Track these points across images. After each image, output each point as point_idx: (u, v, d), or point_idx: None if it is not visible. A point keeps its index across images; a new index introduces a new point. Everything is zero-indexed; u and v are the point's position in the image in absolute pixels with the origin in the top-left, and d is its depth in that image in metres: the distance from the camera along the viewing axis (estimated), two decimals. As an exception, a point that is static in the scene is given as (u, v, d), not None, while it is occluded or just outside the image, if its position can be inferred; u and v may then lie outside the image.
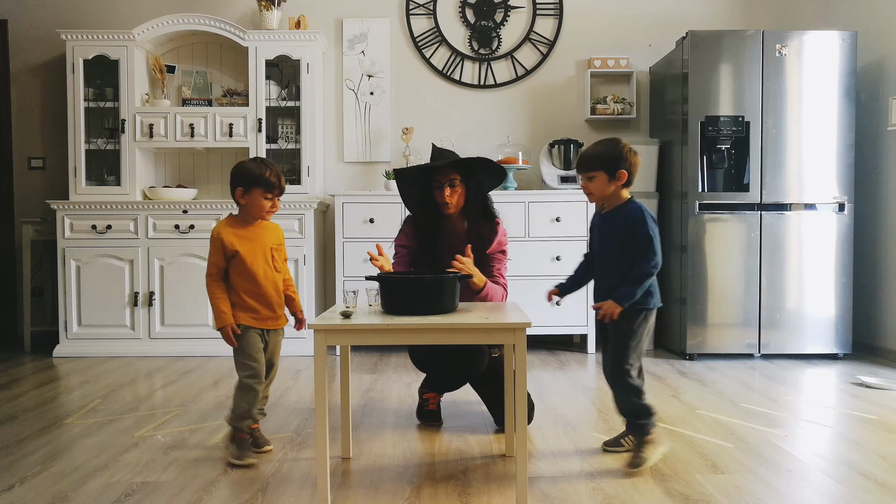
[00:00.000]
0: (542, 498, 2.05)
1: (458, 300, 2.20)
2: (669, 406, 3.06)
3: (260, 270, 2.40)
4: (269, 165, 2.42)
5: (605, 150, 2.31)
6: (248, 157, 4.47)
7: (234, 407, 2.38)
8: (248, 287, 2.39)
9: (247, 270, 2.38)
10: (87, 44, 4.36)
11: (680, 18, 4.78)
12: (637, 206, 2.32)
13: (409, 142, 4.63)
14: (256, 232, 2.45)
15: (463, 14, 4.82)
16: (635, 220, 2.28)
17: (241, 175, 2.41)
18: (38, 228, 4.60)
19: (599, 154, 2.30)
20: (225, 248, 2.37)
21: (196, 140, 4.41)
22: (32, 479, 2.22)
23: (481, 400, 2.85)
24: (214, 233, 2.40)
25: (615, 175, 2.28)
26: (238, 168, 2.43)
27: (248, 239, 2.41)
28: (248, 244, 2.40)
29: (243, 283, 2.39)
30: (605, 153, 2.30)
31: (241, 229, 2.42)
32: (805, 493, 2.09)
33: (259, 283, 2.39)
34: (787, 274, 4.08)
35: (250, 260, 2.39)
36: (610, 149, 2.31)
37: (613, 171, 2.28)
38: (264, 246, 2.44)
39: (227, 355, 4.24)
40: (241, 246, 2.38)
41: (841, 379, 3.60)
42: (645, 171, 4.40)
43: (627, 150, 2.31)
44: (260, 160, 2.44)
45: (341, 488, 2.14)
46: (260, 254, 2.42)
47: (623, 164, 2.28)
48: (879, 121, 4.16)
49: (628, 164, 2.29)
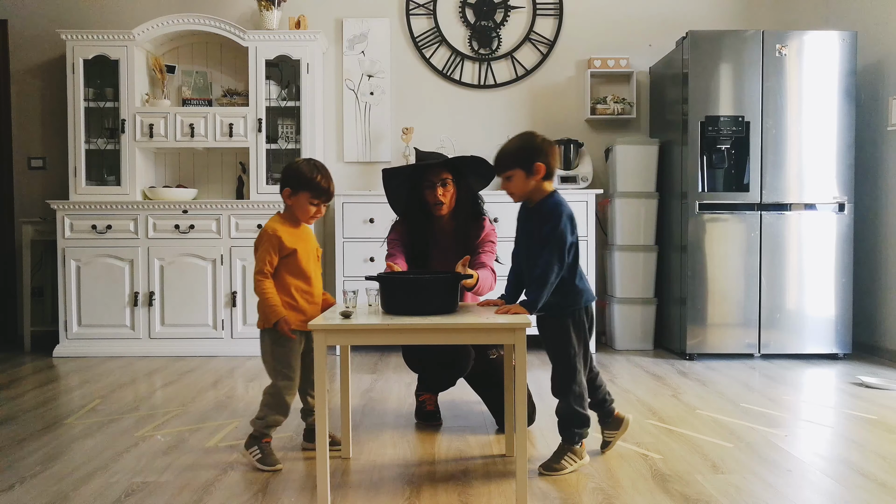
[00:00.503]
0: (542, 498, 2.05)
1: (459, 300, 2.20)
2: (669, 406, 3.06)
3: (312, 271, 2.39)
4: (321, 170, 2.35)
5: (518, 146, 2.22)
6: (247, 157, 4.50)
7: (264, 416, 2.32)
8: (301, 286, 2.36)
9: (301, 270, 2.35)
10: (87, 44, 4.36)
11: (680, 18, 4.78)
12: (555, 201, 2.21)
13: (409, 142, 4.63)
14: (306, 234, 2.43)
15: (463, 14, 4.82)
16: (549, 214, 2.19)
17: (291, 175, 2.36)
18: (38, 228, 4.60)
19: (513, 151, 2.22)
20: (283, 246, 2.32)
21: (196, 140, 4.41)
22: (32, 479, 2.22)
23: (482, 400, 2.85)
24: (270, 230, 2.32)
25: (532, 170, 2.18)
26: (290, 167, 2.38)
27: (301, 238, 2.40)
28: (302, 243, 2.38)
29: (297, 282, 2.35)
30: (518, 149, 2.21)
31: (292, 228, 2.39)
32: (805, 493, 2.09)
33: (312, 283, 2.38)
34: (787, 274, 4.08)
35: (304, 259, 2.36)
36: (523, 143, 2.22)
37: (529, 166, 2.18)
38: (313, 247, 2.43)
39: (227, 355, 4.25)
40: (297, 244, 2.36)
41: (841, 379, 3.60)
42: (645, 171, 4.41)
43: (541, 140, 2.22)
44: (313, 163, 2.37)
45: (341, 488, 2.14)
46: (311, 255, 2.40)
47: (539, 157, 2.18)
48: (879, 121, 4.16)
49: (545, 156, 2.19)
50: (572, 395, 2.25)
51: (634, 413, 2.95)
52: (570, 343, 2.25)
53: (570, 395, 2.25)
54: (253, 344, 4.27)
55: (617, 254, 4.42)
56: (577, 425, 2.27)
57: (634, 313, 4.42)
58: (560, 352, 2.26)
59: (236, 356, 4.25)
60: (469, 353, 2.68)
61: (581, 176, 4.50)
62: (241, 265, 4.30)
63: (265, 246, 2.32)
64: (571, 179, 4.49)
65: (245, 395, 3.31)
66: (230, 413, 3.00)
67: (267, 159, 4.44)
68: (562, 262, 2.17)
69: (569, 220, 2.20)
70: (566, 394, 2.26)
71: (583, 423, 2.27)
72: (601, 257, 4.69)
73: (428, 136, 4.74)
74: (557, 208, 2.20)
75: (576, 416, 2.26)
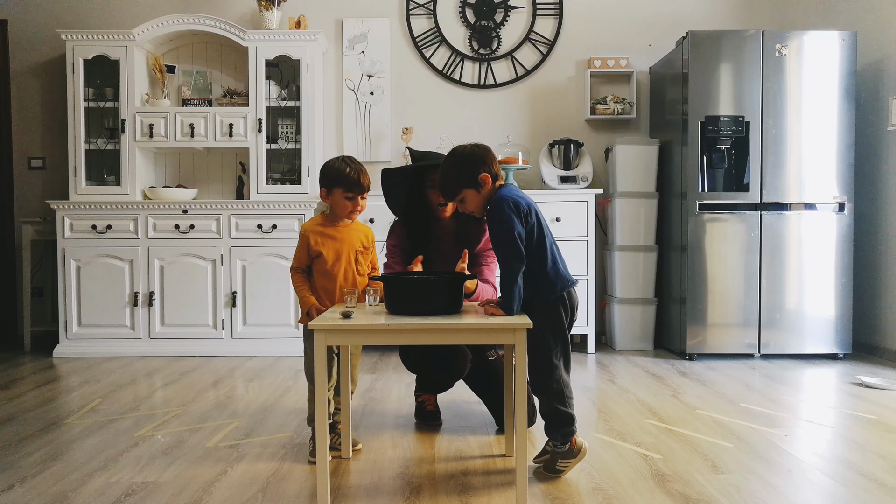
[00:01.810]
0: (542, 498, 2.05)
1: (462, 301, 2.20)
2: (669, 406, 3.06)
3: (340, 272, 2.39)
4: (351, 164, 2.38)
5: (456, 168, 2.17)
6: (247, 157, 4.51)
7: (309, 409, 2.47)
8: (325, 285, 2.39)
9: (327, 271, 2.39)
10: (87, 44, 4.36)
11: (680, 18, 4.78)
12: (498, 197, 2.13)
13: (409, 142, 4.63)
14: (344, 233, 2.43)
15: (463, 14, 4.82)
16: (492, 213, 2.12)
17: (323, 175, 2.40)
18: (38, 228, 4.60)
19: (454, 174, 2.17)
20: (310, 248, 2.38)
21: (196, 140, 4.41)
22: (32, 479, 2.22)
23: (482, 401, 2.85)
24: (302, 230, 2.42)
25: (479, 183, 2.14)
26: (323, 167, 2.42)
27: (333, 239, 2.40)
28: (332, 244, 2.39)
29: (322, 281, 2.40)
30: (457, 171, 2.16)
31: (328, 228, 2.41)
32: (805, 493, 2.09)
33: (337, 285, 2.39)
34: (787, 274, 4.08)
35: (331, 261, 2.38)
36: (458, 162, 2.16)
37: (475, 182, 2.14)
38: (350, 247, 2.42)
39: (227, 355, 4.25)
40: (325, 247, 2.38)
41: (841, 379, 3.60)
42: (645, 171, 4.41)
43: (470, 151, 2.16)
44: (343, 159, 2.41)
45: (341, 489, 2.14)
46: (344, 255, 2.40)
47: (479, 169, 2.14)
48: (879, 121, 4.16)
49: (484, 165, 2.14)
50: (551, 392, 2.17)
51: (635, 413, 2.95)
52: (543, 338, 2.15)
53: (549, 392, 2.17)
54: (253, 344, 4.28)
55: (617, 254, 4.42)
56: (559, 425, 2.18)
57: (634, 313, 4.42)
58: (533, 347, 2.10)
59: (236, 356, 4.25)
60: (466, 356, 2.67)
61: (581, 176, 4.50)
62: (241, 265, 4.30)
63: (298, 243, 2.43)
64: (571, 179, 4.49)
65: (245, 395, 3.31)
66: (230, 413, 3.00)
67: (267, 159, 4.44)
68: (518, 254, 2.07)
69: (512, 210, 2.09)
70: (544, 392, 2.18)
71: (565, 422, 2.18)
72: (601, 257, 4.69)
73: (428, 136, 4.74)
74: (498, 204, 2.11)
75: (556, 415, 2.18)
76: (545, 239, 2.16)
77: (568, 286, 2.19)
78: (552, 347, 2.17)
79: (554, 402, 2.18)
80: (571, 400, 2.21)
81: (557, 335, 2.18)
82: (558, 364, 2.18)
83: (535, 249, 2.14)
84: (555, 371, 2.17)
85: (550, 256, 2.17)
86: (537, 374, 2.19)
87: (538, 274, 2.15)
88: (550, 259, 2.17)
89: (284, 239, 4.28)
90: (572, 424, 2.20)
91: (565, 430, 2.19)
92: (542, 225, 2.16)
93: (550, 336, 2.17)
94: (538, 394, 2.22)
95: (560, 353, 2.19)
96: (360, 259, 2.44)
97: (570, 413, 2.20)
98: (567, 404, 2.19)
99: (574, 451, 2.20)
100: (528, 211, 2.13)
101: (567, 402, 2.19)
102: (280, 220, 4.31)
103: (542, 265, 2.16)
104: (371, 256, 2.52)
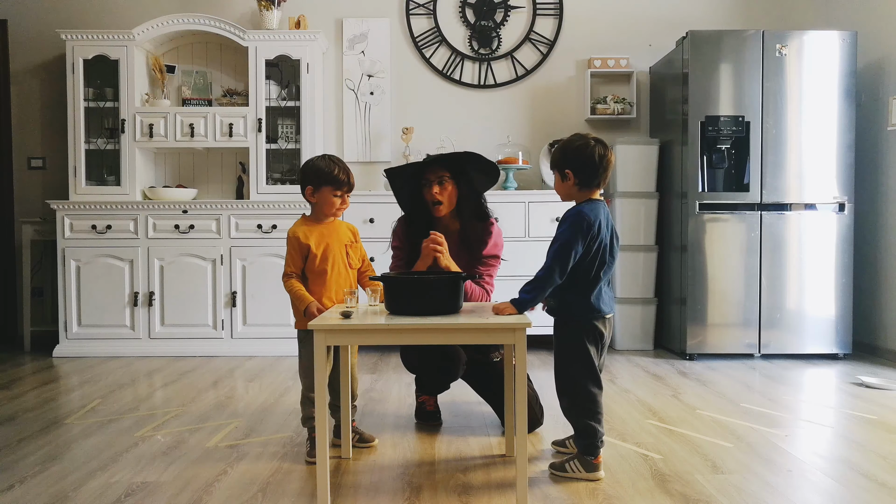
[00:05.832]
0: (542, 498, 2.05)
1: (463, 301, 2.19)
2: (669, 406, 3.06)
3: (333, 268, 2.42)
4: (337, 163, 2.44)
5: (559, 147, 2.23)
6: (247, 157, 4.50)
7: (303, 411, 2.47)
8: (319, 287, 2.41)
9: (317, 268, 2.41)
10: (86, 44, 4.36)
11: (680, 18, 4.78)
12: (575, 210, 2.17)
13: (409, 142, 4.63)
14: (332, 228, 2.48)
15: (463, 14, 4.82)
16: (563, 220, 2.19)
17: (310, 173, 2.44)
18: (38, 228, 4.60)
19: (555, 151, 2.24)
20: (301, 246, 2.40)
21: (196, 140, 4.41)
22: (32, 479, 2.22)
23: (485, 402, 2.84)
24: (290, 233, 2.44)
25: (563, 175, 2.20)
26: (307, 166, 2.46)
27: (323, 235, 2.44)
28: (323, 240, 2.43)
29: (317, 283, 2.42)
30: (557, 150, 2.22)
31: (315, 226, 2.46)
32: (805, 493, 2.09)
33: (332, 279, 2.41)
34: (787, 274, 4.07)
35: (324, 256, 2.41)
36: (562, 145, 2.22)
37: (561, 170, 2.21)
38: (339, 241, 2.47)
39: (227, 355, 4.25)
40: (316, 242, 2.41)
41: (841, 379, 3.60)
42: (645, 170, 4.41)
43: (578, 147, 2.17)
44: (328, 157, 2.46)
45: (341, 489, 2.14)
46: (335, 248, 2.44)
47: (569, 164, 2.18)
48: (879, 121, 4.16)
49: (577, 163, 2.16)
50: (576, 408, 2.20)
51: (635, 413, 2.95)
52: (568, 351, 2.22)
53: (573, 407, 2.21)
54: (252, 344, 4.28)
55: (617, 254, 4.42)
56: (587, 437, 2.19)
57: (634, 313, 4.42)
58: (561, 354, 2.24)
59: (236, 356, 4.25)
60: (460, 358, 2.67)
61: (581, 176, 4.49)
62: (241, 265, 4.30)
63: (287, 250, 2.44)
64: (571, 179, 4.48)
65: (245, 395, 3.31)
66: (230, 413, 3.00)
67: (267, 159, 4.44)
68: (563, 267, 2.11)
69: (580, 228, 2.11)
70: (566, 406, 2.23)
71: (593, 435, 2.19)
72: (601, 257, 4.68)
73: (428, 136, 4.74)
74: (572, 216, 2.15)
75: (583, 428, 2.20)
76: (597, 269, 2.16)
77: (596, 318, 2.20)
78: (573, 361, 2.20)
79: (580, 416, 2.20)
80: (599, 415, 2.20)
81: (579, 355, 2.20)
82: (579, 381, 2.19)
83: (592, 275, 2.16)
84: (573, 386, 2.20)
85: (599, 287, 2.18)
86: (559, 385, 2.25)
87: (579, 296, 2.18)
88: (598, 290, 2.18)
89: (284, 239, 4.25)
90: (594, 437, 2.19)
91: (586, 441, 2.20)
92: (602, 256, 2.15)
93: (575, 354, 2.20)
94: (562, 407, 2.25)
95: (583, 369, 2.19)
96: (349, 252, 2.49)
97: (594, 427, 2.19)
98: (595, 419, 2.19)
99: (592, 465, 2.20)
100: (595, 235, 2.13)
101: (595, 416, 2.19)
102: (280, 220, 4.31)
103: (586, 290, 2.17)
104: (360, 250, 2.55)
